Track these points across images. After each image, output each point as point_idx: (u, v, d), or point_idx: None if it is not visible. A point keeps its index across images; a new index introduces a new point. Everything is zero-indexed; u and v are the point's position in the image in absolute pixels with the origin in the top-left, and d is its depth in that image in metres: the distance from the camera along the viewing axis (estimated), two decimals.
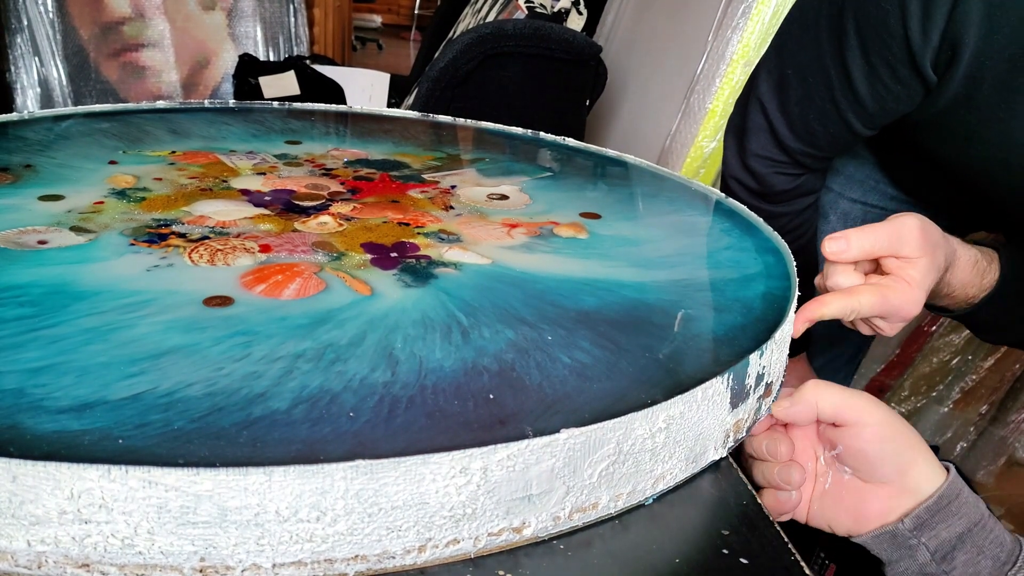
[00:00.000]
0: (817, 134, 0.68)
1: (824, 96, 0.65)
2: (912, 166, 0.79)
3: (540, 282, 0.49)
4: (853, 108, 0.64)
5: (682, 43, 1.36)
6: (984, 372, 1.41)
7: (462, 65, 1.31)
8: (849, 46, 0.61)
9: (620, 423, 0.35)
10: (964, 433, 1.48)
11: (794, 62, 0.67)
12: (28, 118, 0.73)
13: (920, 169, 0.78)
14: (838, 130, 0.67)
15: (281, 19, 2.12)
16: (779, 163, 0.72)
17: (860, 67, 0.61)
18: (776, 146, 0.71)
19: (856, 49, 0.60)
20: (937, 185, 0.78)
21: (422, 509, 0.31)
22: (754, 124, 0.72)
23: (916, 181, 0.82)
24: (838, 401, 0.44)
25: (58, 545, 0.29)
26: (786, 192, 0.74)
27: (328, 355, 0.38)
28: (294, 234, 0.53)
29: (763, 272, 0.54)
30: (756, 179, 0.74)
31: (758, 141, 0.72)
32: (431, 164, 0.73)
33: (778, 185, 0.74)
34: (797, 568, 0.36)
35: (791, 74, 0.67)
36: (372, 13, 5.36)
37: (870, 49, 0.59)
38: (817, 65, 0.64)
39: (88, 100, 1.87)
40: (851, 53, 0.61)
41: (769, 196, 0.75)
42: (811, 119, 0.67)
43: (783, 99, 0.69)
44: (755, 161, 0.73)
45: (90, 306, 0.40)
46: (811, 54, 0.65)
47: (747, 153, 0.73)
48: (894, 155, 0.81)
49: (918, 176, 0.80)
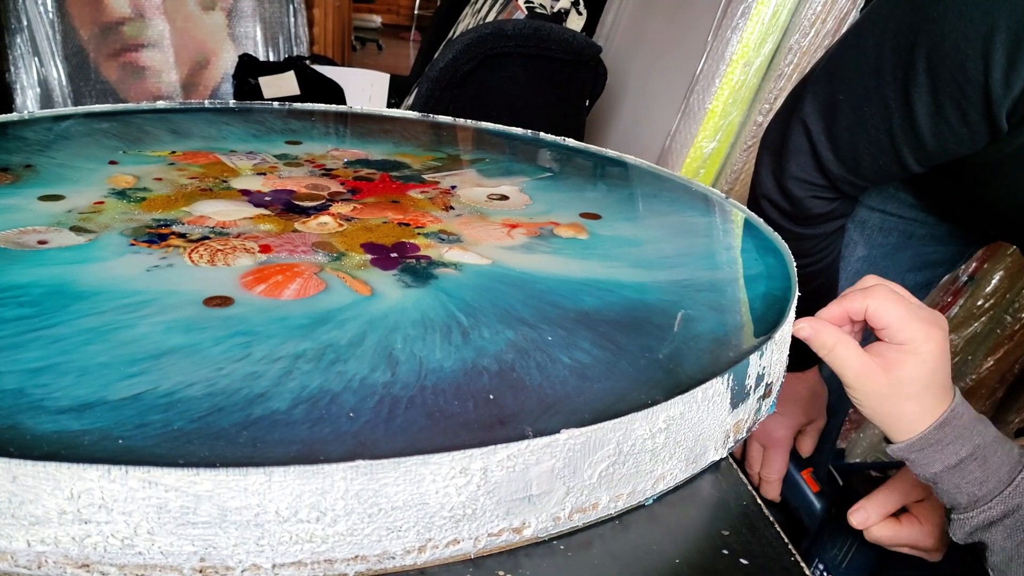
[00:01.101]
0: (863, 163, 0.66)
1: (879, 127, 0.62)
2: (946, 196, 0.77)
3: (540, 282, 0.49)
4: (910, 144, 0.61)
5: (682, 43, 1.36)
6: (984, 372, 1.41)
7: (462, 65, 1.31)
8: (917, 83, 0.58)
9: (620, 423, 0.35)
10: None
11: (847, 89, 0.64)
12: (28, 118, 0.73)
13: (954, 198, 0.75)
14: (888, 162, 0.64)
15: (281, 19, 2.12)
16: (818, 187, 0.70)
17: (926, 105, 0.58)
18: (817, 170, 0.69)
19: (924, 87, 0.57)
20: (968, 213, 0.76)
21: (422, 509, 0.31)
22: (796, 146, 0.69)
23: (945, 206, 0.79)
24: (895, 321, 0.48)
25: (58, 545, 0.29)
26: (820, 216, 0.72)
27: (328, 355, 0.38)
28: (294, 234, 0.53)
29: (763, 273, 0.54)
30: (791, 202, 0.72)
31: (798, 163, 0.69)
32: (431, 164, 0.73)
33: (813, 209, 0.71)
34: (797, 568, 0.36)
35: (843, 100, 0.65)
36: (372, 13, 5.36)
37: (940, 89, 0.57)
38: (876, 95, 0.61)
39: (88, 100, 1.87)
40: (918, 90, 0.58)
41: (801, 219, 0.73)
42: (860, 148, 0.65)
43: (830, 124, 0.66)
44: (793, 184, 0.70)
45: (90, 306, 0.40)
46: (870, 83, 0.62)
47: (785, 174, 0.71)
48: (928, 185, 0.78)
49: (950, 203, 0.78)
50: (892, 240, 0.84)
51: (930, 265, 0.86)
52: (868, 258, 0.85)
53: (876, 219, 0.84)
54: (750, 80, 1.21)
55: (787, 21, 1.19)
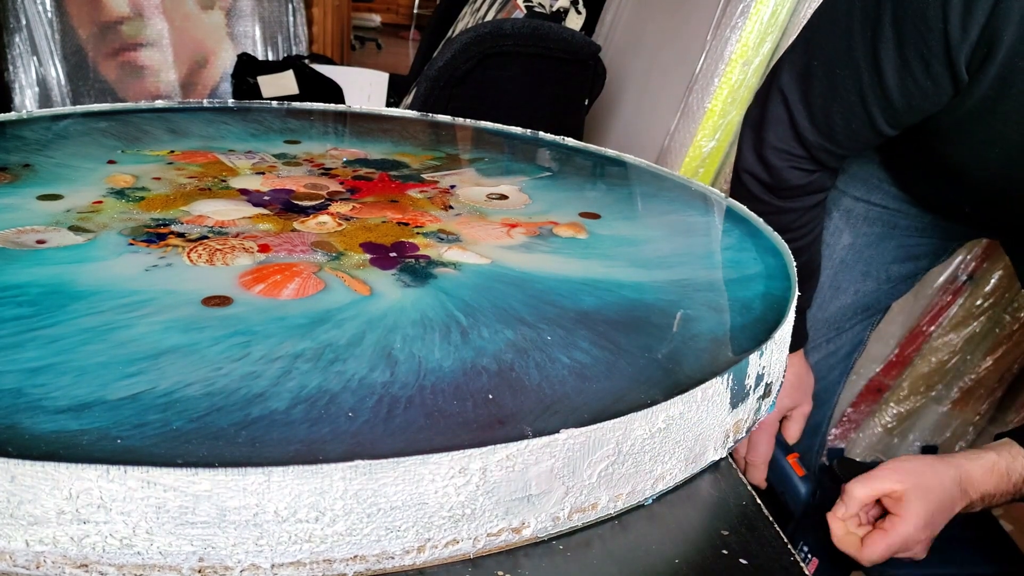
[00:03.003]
0: (837, 129, 0.68)
1: (851, 88, 0.64)
2: (922, 173, 0.79)
3: (539, 282, 0.49)
4: (880, 103, 0.63)
5: (681, 42, 1.36)
6: (983, 372, 1.41)
7: (461, 64, 1.31)
8: (883, 37, 0.60)
9: (619, 423, 0.35)
10: (963, 433, 1.48)
11: (822, 53, 0.66)
12: (26, 117, 0.72)
13: (929, 175, 0.77)
14: (860, 126, 0.66)
15: (280, 18, 2.12)
16: (795, 157, 0.72)
17: (892, 60, 0.60)
18: (795, 139, 0.71)
19: (891, 41, 0.60)
20: (944, 191, 0.77)
21: (421, 509, 0.31)
22: (774, 116, 0.71)
23: (923, 187, 0.81)
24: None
25: (56, 545, 0.29)
26: (799, 187, 0.74)
27: (327, 355, 0.38)
28: (293, 234, 0.53)
29: (763, 272, 0.54)
30: (770, 172, 0.73)
31: (776, 133, 0.71)
32: (430, 164, 0.73)
33: (791, 180, 0.73)
34: (796, 568, 0.36)
35: (817, 65, 0.67)
36: (371, 12, 5.36)
37: (905, 42, 0.59)
38: (847, 57, 0.64)
39: (86, 99, 1.87)
40: (884, 45, 0.60)
41: (780, 191, 0.75)
42: (834, 112, 0.67)
43: (806, 90, 0.68)
44: (771, 153, 0.72)
45: (89, 306, 0.40)
46: (841, 45, 0.64)
47: (764, 145, 0.73)
48: (904, 161, 0.80)
49: (926, 183, 0.80)
50: (876, 230, 0.87)
51: (913, 257, 0.89)
52: (854, 247, 0.87)
53: (861, 209, 0.86)
54: (749, 79, 1.21)
55: (786, 20, 1.19)
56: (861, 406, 1.47)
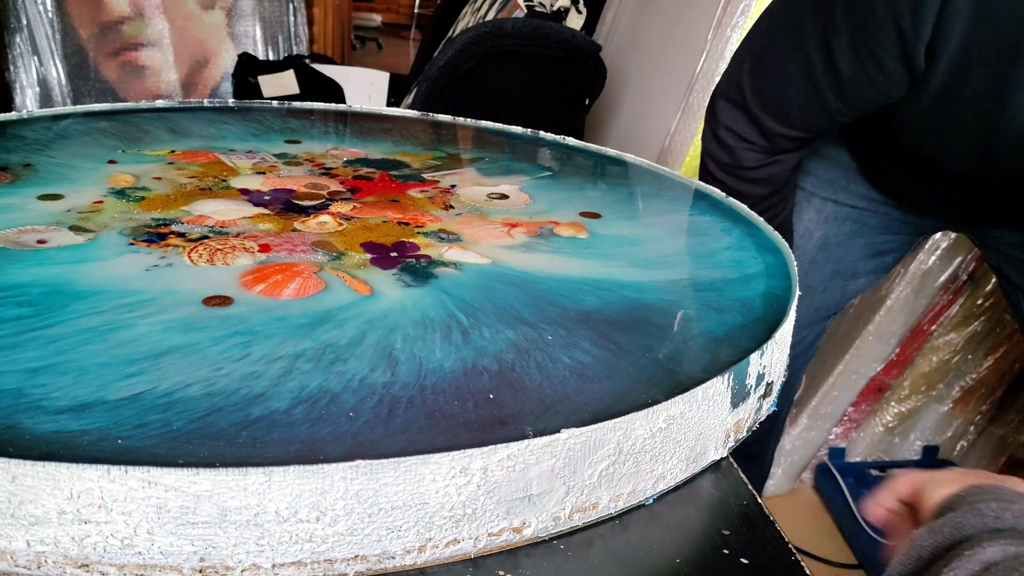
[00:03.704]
0: (792, 114, 0.69)
1: (803, 76, 0.66)
2: (896, 169, 0.80)
3: (540, 282, 0.49)
4: (834, 91, 0.65)
5: (682, 42, 1.36)
6: (984, 371, 1.41)
7: (461, 64, 1.31)
8: (837, 32, 0.61)
9: (620, 423, 0.35)
10: (964, 432, 1.48)
11: (774, 44, 0.68)
12: (27, 117, 0.72)
13: (903, 171, 0.78)
14: (815, 112, 0.68)
15: (280, 18, 2.12)
16: (748, 141, 0.74)
17: (846, 53, 0.61)
18: (749, 124, 0.72)
19: (843, 36, 0.61)
20: (914, 184, 0.79)
21: (422, 509, 0.31)
22: (730, 96, 0.73)
23: (898, 183, 0.83)
24: None
25: (57, 545, 0.29)
26: (753, 169, 0.76)
27: (328, 355, 0.38)
28: (294, 233, 0.53)
29: (763, 272, 0.54)
30: (726, 151, 0.76)
31: (729, 115, 0.73)
32: (431, 163, 0.73)
33: (747, 162, 0.75)
34: (797, 568, 0.36)
35: (770, 55, 0.68)
36: (372, 12, 5.35)
37: (858, 38, 0.60)
38: (799, 48, 0.65)
39: (87, 99, 1.87)
40: (838, 39, 0.61)
41: (737, 170, 0.77)
42: (787, 100, 0.68)
43: (759, 80, 0.70)
44: (725, 134, 0.74)
45: (89, 306, 0.40)
46: (793, 36, 0.65)
47: (718, 125, 0.75)
48: (876, 158, 0.81)
49: (901, 179, 0.81)
50: (846, 229, 0.89)
51: (881, 253, 0.92)
52: (824, 246, 0.90)
53: (830, 209, 0.88)
54: None
55: None
56: (862, 405, 1.47)
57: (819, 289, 0.92)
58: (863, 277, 0.93)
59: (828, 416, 1.45)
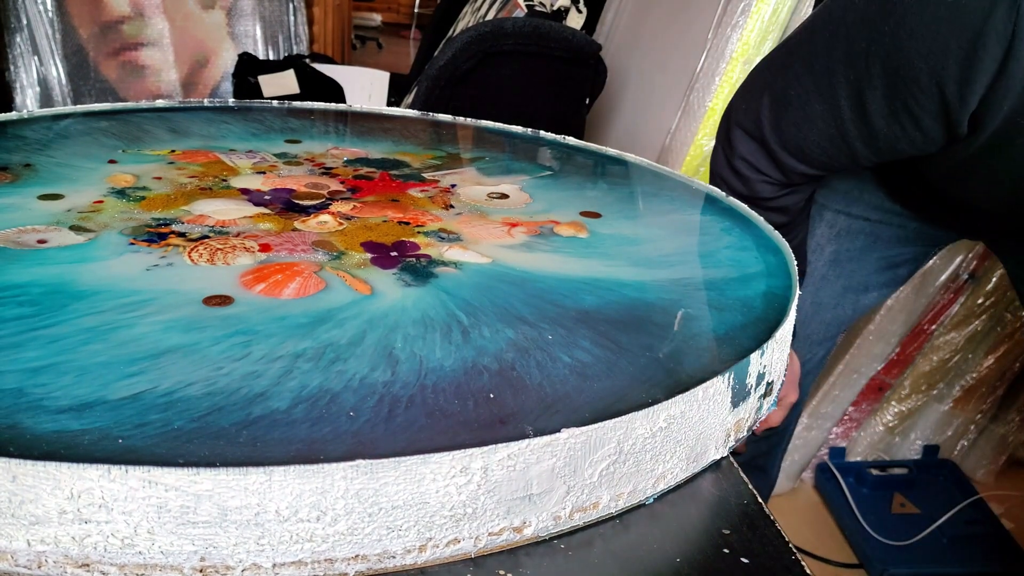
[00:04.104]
0: (812, 154, 0.67)
1: (829, 122, 0.63)
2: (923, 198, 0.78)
3: (540, 281, 0.49)
4: (863, 139, 0.62)
5: (682, 41, 1.36)
6: (984, 370, 1.41)
7: (461, 63, 1.31)
8: (872, 86, 0.58)
9: (621, 422, 0.35)
10: (964, 432, 1.48)
11: (799, 84, 0.65)
12: (27, 117, 0.72)
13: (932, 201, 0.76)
14: (838, 154, 0.65)
15: (281, 18, 2.12)
16: (764, 173, 0.71)
17: (880, 107, 0.58)
18: (765, 157, 0.70)
19: (879, 91, 0.58)
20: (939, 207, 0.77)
21: (422, 509, 0.31)
22: (747, 128, 0.71)
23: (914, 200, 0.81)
24: None
25: (58, 545, 0.29)
26: (770, 200, 0.74)
27: (328, 354, 0.38)
28: (294, 233, 0.53)
29: (764, 271, 0.54)
30: (742, 182, 0.73)
31: (746, 146, 0.71)
32: (431, 163, 0.73)
33: (761, 192, 0.73)
34: (797, 567, 0.36)
35: (793, 95, 0.65)
36: (372, 12, 5.35)
37: (895, 95, 0.57)
38: (828, 92, 0.62)
39: (87, 99, 1.87)
40: (872, 92, 0.58)
41: (750, 200, 0.74)
42: (808, 140, 0.66)
43: (779, 114, 0.67)
44: (741, 164, 0.72)
45: (89, 305, 0.40)
46: (821, 81, 0.62)
47: (735, 155, 0.72)
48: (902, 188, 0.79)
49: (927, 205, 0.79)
50: (859, 243, 0.86)
51: (894, 266, 0.89)
52: (836, 261, 0.87)
53: (843, 222, 0.85)
54: None
55: (787, 19, 1.19)
56: (862, 405, 1.47)
57: (830, 306, 0.89)
58: (875, 291, 0.90)
59: (828, 415, 1.45)
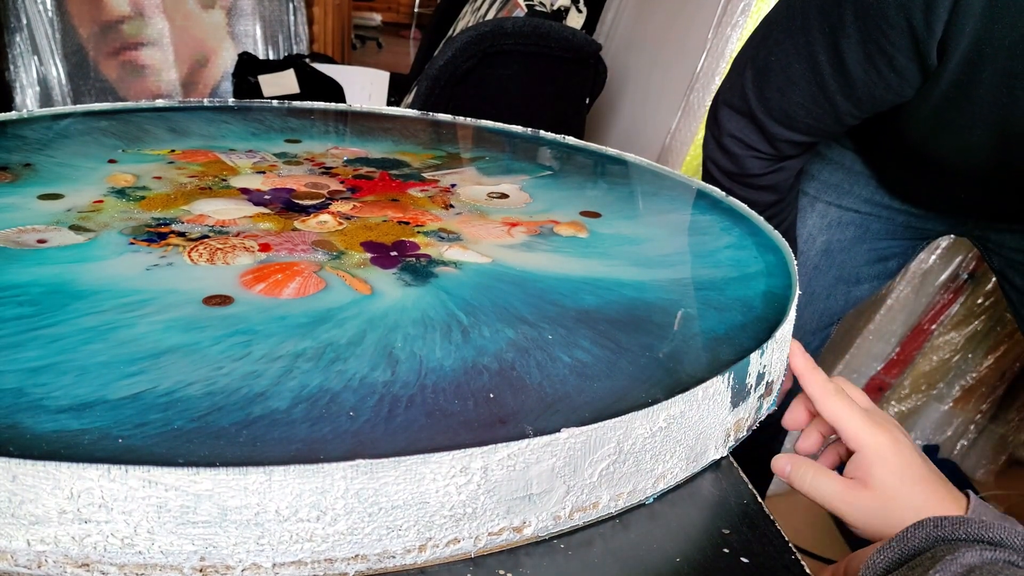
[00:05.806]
0: (798, 118, 0.69)
1: (811, 81, 0.66)
2: (905, 169, 0.80)
3: (540, 281, 0.49)
4: (843, 92, 0.65)
5: (682, 41, 1.36)
6: (984, 370, 1.41)
7: (461, 63, 1.31)
8: (846, 34, 0.61)
9: (621, 422, 0.35)
10: (964, 431, 1.48)
11: (779, 50, 0.67)
12: (27, 117, 0.72)
13: (913, 171, 0.78)
14: (823, 115, 0.68)
15: (280, 17, 2.12)
16: (753, 148, 0.73)
17: (856, 55, 0.61)
18: (754, 130, 0.72)
19: (853, 38, 0.61)
20: (921, 181, 0.79)
21: (422, 508, 0.31)
22: (733, 104, 0.73)
23: (900, 179, 0.83)
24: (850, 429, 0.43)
25: (58, 545, 0.29)
26: (758, 176, 0.76)
27: (328, 354, 0.38)
28: (294, 233, 0.53)
29: (763, 271, 0.54)
30: (731, 159, 0.75)
31: (734, 122, 0.73)
32: (431, 163, 0.73)
33: (751, 168, 0.75)
34: (798, 567, 0.36)
35: (774, 61, 0.68)
36: (372, 11, 5.35)
37: (868, 38, 0.60)
38: (805, 52, 0.65)
39: (87, 99, 1.87)
40: (847, 41, 0.61)
41: (741, 177, 0.76)
42: (793, 104, 0.68)
43: (761, 85, 0.70)
44: (729, 141, 0.74)
45: (89, 305, 0.40)
46: (798, 40, 0.65)
47: (723, 133, 0.74)
48: (886, 159, 0.81)
49: (903, 174, 0.81)
50: (849, 234, 0.89)
51: (884, 259, 0.91)
52: (828, 251, 0.90)
53: (834, 213, 0.88)
54: None
55: None
56: None
57: (823, 296, 0.92)
58: (866, 283, 0.93)
59: None
